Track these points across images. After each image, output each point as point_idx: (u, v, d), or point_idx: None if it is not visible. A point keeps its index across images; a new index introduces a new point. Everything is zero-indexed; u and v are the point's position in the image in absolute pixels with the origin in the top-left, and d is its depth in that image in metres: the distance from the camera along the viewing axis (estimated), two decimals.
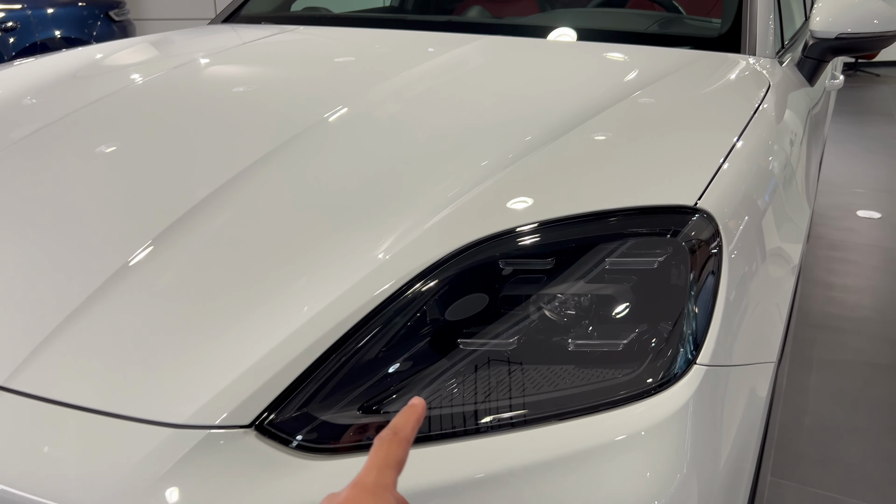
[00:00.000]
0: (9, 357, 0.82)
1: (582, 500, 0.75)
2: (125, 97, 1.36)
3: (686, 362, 0.82)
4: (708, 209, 0.92)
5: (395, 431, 0.53)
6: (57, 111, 1.29)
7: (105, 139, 1.21)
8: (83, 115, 1.28)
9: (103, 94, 1.36)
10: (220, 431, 0.74)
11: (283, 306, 0.82)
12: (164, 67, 1.52)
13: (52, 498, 0.71)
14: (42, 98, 1.40)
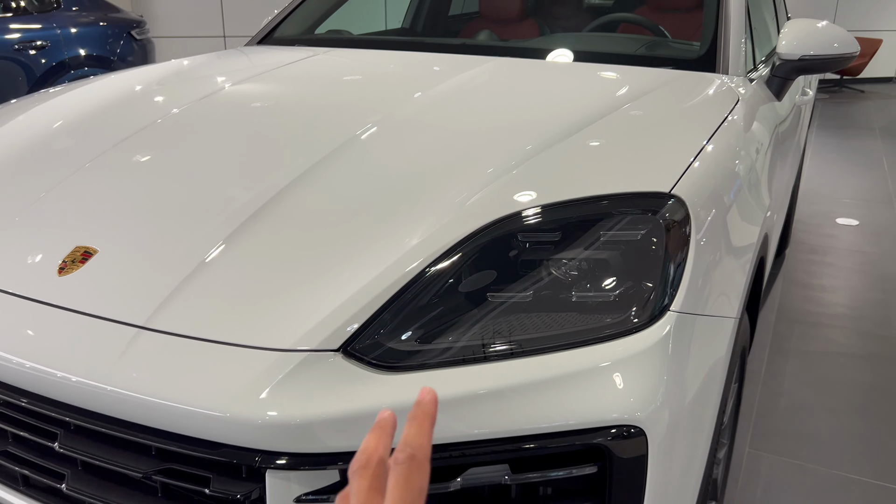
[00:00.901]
0: (148, 302, 1.07)
1: (577, 410, 1.00)
2: (202, 108, 1.63)
3: (661, 309, 1.08)
4: (680, 195, 1.18)
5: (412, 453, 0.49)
6: (152, 116, 1.56)
7: (196, 140, 1.47)
8: (174, 119, 1.54)
9: (183, 105, 1.62)
10: (316, 353, 0.99)
11: (357, 265, 1.08)
12: (227, 83, 1.79)
13: (194, 405, 0.96)
14: (137, 104, 1.66)
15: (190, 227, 1.20)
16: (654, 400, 1.04)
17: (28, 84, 4.29)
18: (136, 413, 1.00)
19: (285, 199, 1.24)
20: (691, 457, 1.16)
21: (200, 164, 1.41)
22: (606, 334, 1.04)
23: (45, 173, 1.41)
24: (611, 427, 1.01)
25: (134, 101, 1.80)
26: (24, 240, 1.26)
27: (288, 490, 0.98)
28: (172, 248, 1.16)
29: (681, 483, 1.15)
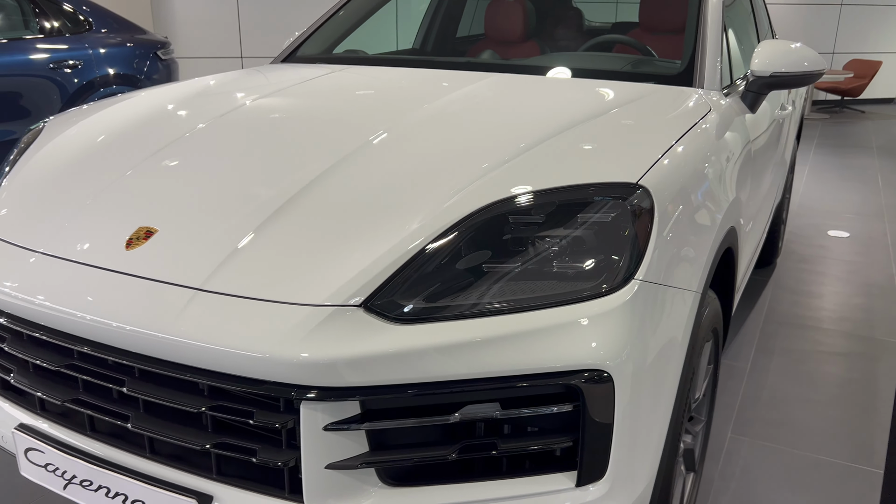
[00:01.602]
0: (203, 269, 1.29)
1: (556, 356, 1.21)
2: (239, 115, 1.87)
3: (627, 277, 1.29)
4: (646, 185, 1.40)
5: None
6: (196, 122, 1.80)
7: (235, 141, 1.72)
8: (215, 124, 1.78)
9: (224, 111, 1.87)
10: (342, 308, 1.21)
11: (374, 239, 1.30)
12: (260, 94, 2.03)
13: (243, 349, 1.18)
14: (182, 112, 1.92)
15: (234, 210, 1.43)
16: (621, 351, 1.25)
17: (62, 101, 4.57)
18: (194, 357, 1.22)
19: (312, 190, 1.46)
20: (654, 407, 1.37)
21: (239, 160, 1.65)
22: (581, 296, 1.26)
23: (109, 167, 1.65)
24: (584, 371, 1.22)
25: (179, 109, 2.05)
26: (95, 221, 1.50)
27: (318, 419, 1.19)
28: (221, 226, 1.39)
29: (646, 429, 1.35)
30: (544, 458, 1.33)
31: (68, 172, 1.70)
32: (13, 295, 1.42)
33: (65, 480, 1.43)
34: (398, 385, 1.21)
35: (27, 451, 1.48)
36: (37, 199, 1.64)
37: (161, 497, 1.31)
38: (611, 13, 5.66)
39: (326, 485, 1.23)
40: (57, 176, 1.70)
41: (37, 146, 1.86)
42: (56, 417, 1.50)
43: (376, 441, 1.25)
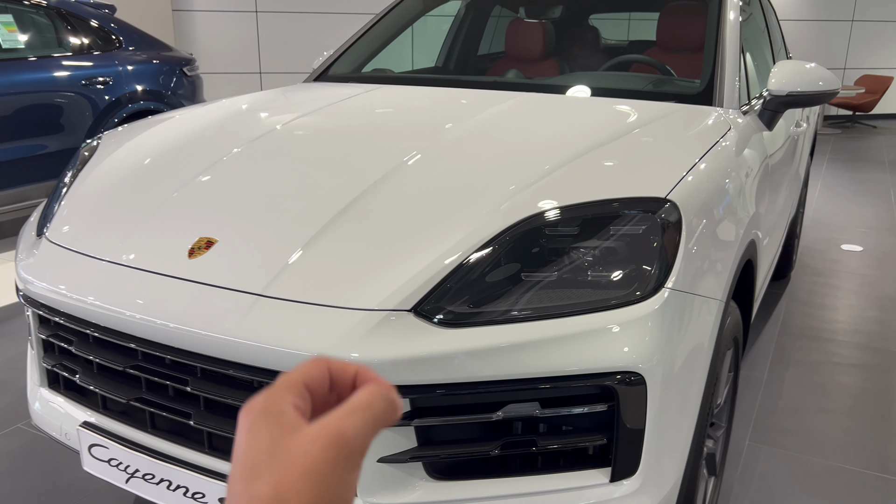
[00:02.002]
0: (263, 277, 1.39)
1: (592, 359, 1.30)
2: (287, 131, 1.99)
3: (657, 286, 1.38)
4: (674, 200, 1.50)
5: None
6: (248, 136, 1.92)
7: (286, 156, 1.84)
8: (266, 139, 1.90)
9: (272, 128, 1.99)
10: (393, 312, 1.31)
11: (421, 250, 1.40)
12: (303, 112, 2.15)
13: (303, 349, 1.28)
14: (234, 127, 2.05)
15: (288, 222, 1.53)
16: (653, 354, 1.34)
17: (93, 116, 4.72)
18: (257, 358, 1.32)
19: (359, 203, 1.56)
20: (682, 408, 1.45)
21: (290, 174, 1.75)
22: (615, 303, 1.35)
23: (168, 181, 1.76)
24: (618, 373, 1.31)
25: (230, 126, 2.16)
26: (157, 232, 1.60)
27: None
28: (276, 237, 1.49)
29: (674, 429, 1.44)
30: (576, 455, 1.41)
31: (129, 185, 1.81)
32: (81, 300, 1.53)
33: (127, 474, 1.53)
34: (445, 384, 1.30)
35: (91, 448, 1.58)
36: (100, 211, 1.75)
37: (221, 489, 1.41)
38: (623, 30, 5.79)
39: (378, 478, 1.32)
40: (118, 188, 1.81)
41: (96, 160, 1.97)
42: (117, 416, 1.60)
43: (424, 437, 1.34)
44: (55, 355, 1.69)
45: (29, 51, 4.60)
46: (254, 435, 0.38)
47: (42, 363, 1.71)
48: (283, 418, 0.39)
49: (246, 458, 0.38)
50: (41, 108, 4.49)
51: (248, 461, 0.38)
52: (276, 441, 0.38)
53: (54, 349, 1.69)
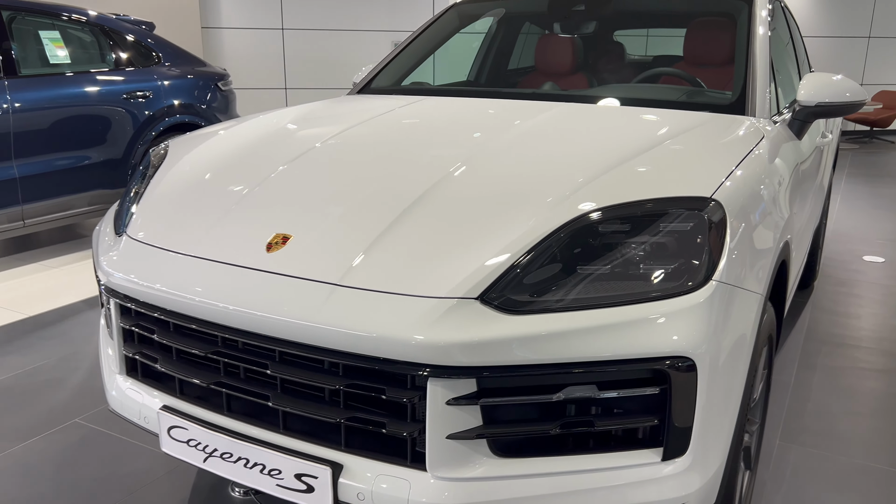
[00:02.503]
0: (340, 268, 1.51)
1: (646, 344, 1.40)
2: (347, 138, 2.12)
3: (706, 278, 1.49)
4: (719, 199, 1.60)
5: None
6: (313, 141, 2.06)
7: (351, 158, 1.97)
8: (331, 143, 2.04)
9: (332, 134, 2.11)
10: (461, 300, 1.41)
11: (485, 244, 1.51)
12: (358, 121, 2.28)
13: (381, 334, 1.39)
14: (298, 133, 2.18)
15: (359, 217, 1.65)
16: (703, 341, 1.44)
17: (133, 128, 4.89)
18: (336, 341, 1.43)
19: (424, 201, 1.67)
20: (728, 393, 1.55)
21: (354, 176, 1.87)
22: (667, 294, 1.45)
23: (240, 182, 1.89)
24: (671, 357, 1.41)
25: (292, 132, 2.30)
26: (234, 229, 1.72)
27: (441, 395, 1.40)
28: (349, 232, 1.61)
29: (720, 413, 1.53)
30: (627, 436, 1.51)
31: (202, 186, 1.94)
32: (165, 291, 1.65)
33: (205, 454, 1.64)
34: (508, 366, 1.40)
35: (170, 429, 1.69)
36: (177, 210, 1.88)
37: (297, 465, 1.52)
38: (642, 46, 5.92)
39: (445, 453, 1.43)
40: (192, 190, 1.94)
41: (167, 165, 2.11)
42: (194, 400, 1.71)
43: (488, 417, 1.44)
44: (135, 344, 1.81)
45: (74, 66, 4.78)
46: None
47: (122, 351, 1.83)
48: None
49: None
50: (85, 120, 4.66)
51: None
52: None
53: (134, 338, 1.81)
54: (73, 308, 3.94)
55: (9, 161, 4.23)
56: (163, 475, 2.41)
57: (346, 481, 1.49)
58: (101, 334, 2.08)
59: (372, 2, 9.07)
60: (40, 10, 4.68)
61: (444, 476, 1.43)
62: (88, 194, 4.72)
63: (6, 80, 4.25)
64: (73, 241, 5.23)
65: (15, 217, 4.33)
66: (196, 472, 2.43)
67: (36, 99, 4.37)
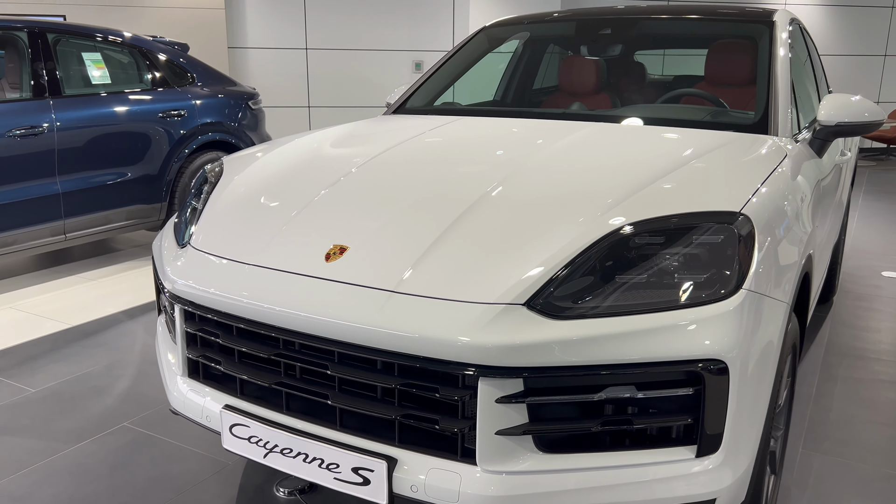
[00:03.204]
0: (395, 276, 1.63)
1: (682, 348, 1.51)
2: (392, 156, 2.25)
3: (737, 287, 1.59)
4: (747, 213, 1.71)
5: None
6: (361, 158, 2.20)
7: (396, 173, 2.11)
8: (377, 160, 2.18)
9: (378, 152, 2.25)
10: (509, 306, 1.53)
11: (529, 256, 1.62)
12: (401, 140, 2.42)
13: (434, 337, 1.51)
14: (344, 150, 2.31)
15: (411, 229, 1.78)
16: (735, 345, 1.55)
17: (168, 146, 5.06)
18: (393, 343, 1.55)
19: (470, 215, 1.80)
20: (757, 395, 1.65)
21: (402, 191, 2.00)
22: (702, 300, 1.56)
23: (296, 196, 2.02)
24: (705, 360, 1.52)
25: (341, 150, 2.45)
26: (294, 240, 1.85)
27: (492, 393, 1.51)
28: (402, 243, 1.74)
29: (750, 414, 1.63)
30: (662, 435, 1.61)
31: (260, 201, 2.08)
32: (231, 297, 1.78)
33: (266, 450, 1.76)
34: (552, 367, 1.52)
35: (232, 427, 1.81)
36: (237, 223, 2.01)
37: (354, 459, 1.63)
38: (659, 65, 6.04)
39: (494, 449, 1.54)
40: (251, 203, 2.07)
41: (224, 181, 2.25)
42: (254, 399, 1.83)
43: (533, 415, 1.55)
44: (198, 348, 1.94)
45: (114, 86, 4.97)
46: None
47: (186, 354, 1.96)
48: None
49: None
50: (123, 138, 4.84)
51: None
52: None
53: (197, 342, 1.94)
54: (113, 318, 4.09)
55: (52, 177, 4.41)
56: (210, 476, 2.53)
57: (401, 475, 1.60)
58: (160, 339, 2.21)
59: (394, 22, 9.28)
60: (82, 33, 4.88)
61: (492, 469, 1.55)
62: (126, 209, 4.89)
63: (51, 99, 4.44)
64: (108, 255, 5.40)
65: (57, 231, 4.50)
66: (242, 474, 2.55)
67: (78, 118, 4.56)
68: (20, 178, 4.26)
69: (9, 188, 4.22)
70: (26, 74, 4.42)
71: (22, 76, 4.43)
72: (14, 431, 2.83)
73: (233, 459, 2.62)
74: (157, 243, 2.25)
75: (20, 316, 4.11)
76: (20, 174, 4.26)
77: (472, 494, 1.55)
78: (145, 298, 4.40)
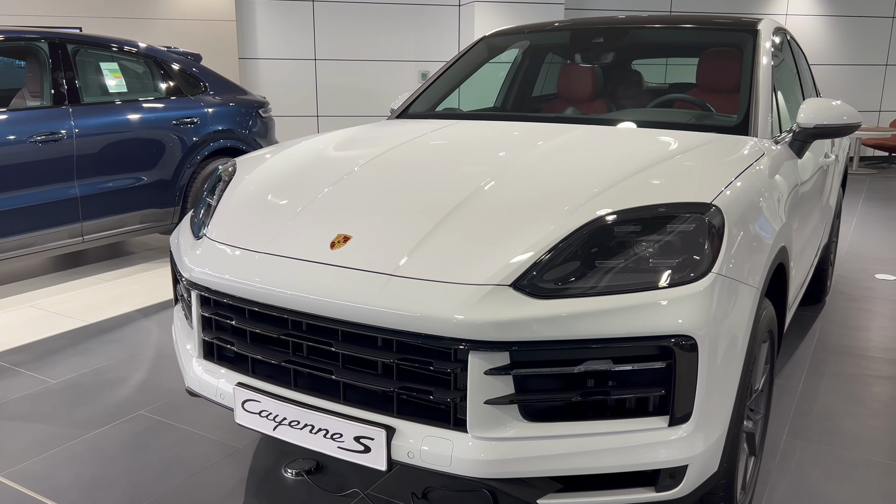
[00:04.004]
0: (393, 261, 1.78)
1: (655, 325, 1.65)
2: (394, 155, 2.41)
3: (706, 271, 1.74)
4: (718, 205, 1.86)
5: None
6: (366, 156, 2.36)
7: (398, 170, 2.27)
8: (380, 158, 2.34)
9: (380, 152, 2.41)
10: (496, 286, 1.68)
11: (514, 242, 1.77)
12: (402, 141, 2.58)
13: (429, 314, 1.66)
14: (347, 151, 2.48)
15: (408, 220, 1.93)
16: (703, 324, 1.69)
17: (182, 152, 5.25)
18: (392, 321, 1.70)
19: (463, 207, 1.95)
20: (726, 370, 1.78)
21: (401, 187, 2.16)
22: (674, 282, 1.71)
23: (303, 192, 2.18)
24: (676, 335, 1.66)
25: (344, 151, 2.61)
26: (301, 231, 2.01)
27: (481, 366, 1.66)
28: (401, 232, 1.89)
29: (720, 387, 1.77)
30: (638, 406, 1.75)
31: (270, 197, 2.24)
32: (245, 282, 1.93)
33: (275, 423, 1.91)
34: (535, 342, 1.66)
35: (244, 403, 1.97)
36: (250, 216, 2.17)
37: (356, 429, 1.78)
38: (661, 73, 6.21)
39: (483, 417, 1.68)
40: (261, 199, 2.24)
41: (237, 179, 2.41)
42: (264, 377, 1.99)
43: (519, 386, 1.70)
44: (213, 331, 2.10)
45: (130, 94, 5.17)
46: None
47: (202, 337, 2.12)
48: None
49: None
50: (138, 144, 5.03)
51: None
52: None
53: (212, 325, 2.10)
54: (128, 316, 4.26)
55: (71, 181, 4.60)
56: (222, 459, 2.68)
57: (398, 442, 1.75)
58: (177, 326, 2.37)
59: (400, 33, 9.48)
60: (100, 44, 5.08)
61: (481, 436, 1.69)
62: (141, 213, 5.07)
63: (70, 107, 4.63)
64: (123, 257, 5.58)
65: (75, 233, 4.68)
66: (252, 456, 2.70)
67: (96, 125, 4.75)
68: (40, 183, 4.45)
69: (30, 192, 4.41)
70: (47, 83, 4.62)
71: (42, 85, 4.63)
72: (36, 418, 2.99)
73: (243, 443, 2.77)
74: (174, 237, 2.41)
75: (40, 314, 4.29)
76: (40, 178, 4.44)
77: (464, 459, 1.69)
78: (159, 298, 4.57)
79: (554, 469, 1.71)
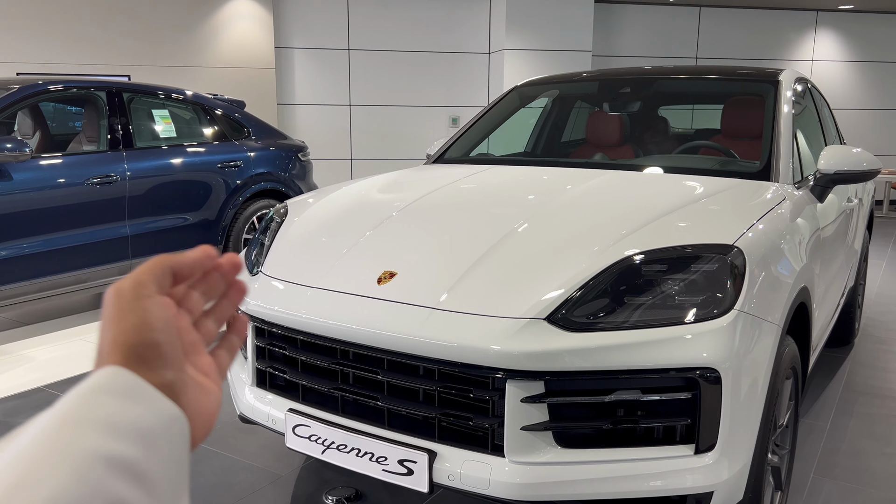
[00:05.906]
0: (437, 293, 1.93)
1: (682, 357, 1.78)
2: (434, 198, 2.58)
3: (729, 307, 1.86)
4: (740, 246, 1.99)
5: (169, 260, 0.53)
6: (407, 199, 2.53)
7: (439, 213, 2.43)
8: (423, 201, 2.50)
9: (421, 195, 2.59)
10: (532, 320, 1.82)
11: (549, 279, 1.92)
12: (441, 185, 2.75)
13: (469, 345, 1.80)
14: (390, 194, 2.67)
15: (450, 258, 2.09)
16: (727, 357, 1.81)
17: (226, 194, 5.50)
18: (434, 351, 1.85)
19: (501, 245, 2.11)
20: (749, 402, 1.89)
21: (443, 227, 2.32)
22: (699, 318, 1.83)
23: (351, 232, 2.35)
24: (701, 368, 1.78)
25: (387, 194, 2.80)
26: (350, 267, 2.18)
27: (518, 394, 1.79)
28: (442, 269, 2.05)
29: (743, 418, 1.88)
30: (665, 435, 1.86)
31: (320, 237, 2.42)
32: (296, 314, 2.10)
33: (324, 447, 2.05)
34: (570, 371, 1.79)
35: (295, 427, 2.11)
36: (301, 255, 2.35)
37: (400, 452, 1.91)
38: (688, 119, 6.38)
39: (520, 442, 1.81)
40: (312, 238, 2.42)
41: (289, 220, 2.60)
42: (314, 404, 2.13)
43: (554, 413, 1.82)
44: (266, 360, 2.25)
45: (178, 139, 5.45)
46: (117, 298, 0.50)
47: (255, 366, 2.28)
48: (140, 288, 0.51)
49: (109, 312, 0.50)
50: (185, 186, 5.29)
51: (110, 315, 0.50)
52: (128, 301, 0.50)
53: (265, 355, 2.26)
54: None
55: (122, 221, 4.85)
56: (266, 485, 2.81)
57: (439, 466, 1.88)
58: None
59: (432, 80, 9.79)
60: (152, 91, 5.39)
61: (518, 460, 1.81)
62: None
63: (125, 151, 4.91)
64: None
65: (125, 270, 4.91)
66: (294, 484, 2.83)
67: (147, 168, 5.02)
68: (95, 222, 4.70)
69: (85, 230, 4.66)
70: (103, 129, 4.91)
71: (99, 130, 4.92)
72: None
73: (286, 471, 2.90)
74: None
75: (89, 347, 4.50)
76: (95, 218, 4.70)
77: (501, 482, 1.81)
78: None
79: (586, 493, 1.81)
